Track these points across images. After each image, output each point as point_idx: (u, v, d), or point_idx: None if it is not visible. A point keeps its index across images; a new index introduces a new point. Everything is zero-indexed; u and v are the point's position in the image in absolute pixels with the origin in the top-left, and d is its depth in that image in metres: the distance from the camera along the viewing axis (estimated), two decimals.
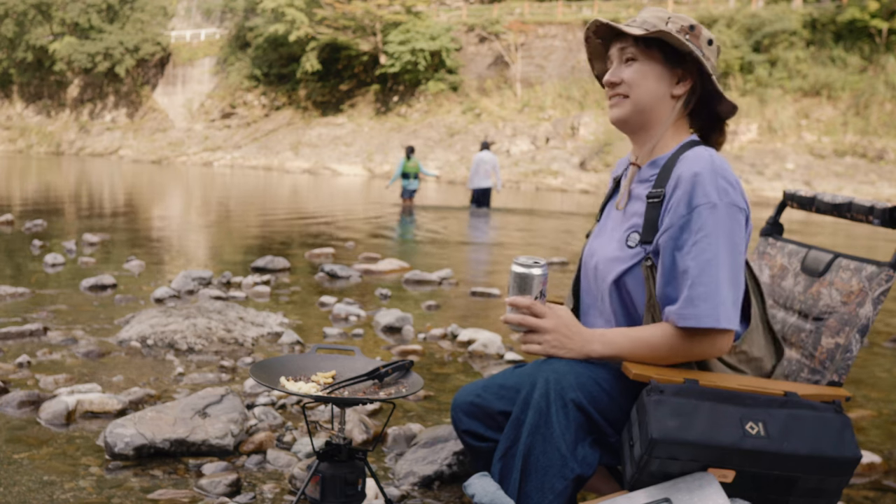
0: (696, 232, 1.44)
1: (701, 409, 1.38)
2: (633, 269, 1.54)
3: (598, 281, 1.62)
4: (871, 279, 1.63)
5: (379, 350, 3.69)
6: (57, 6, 44.56)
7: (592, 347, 1.51)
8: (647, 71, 1.57)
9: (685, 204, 1.46)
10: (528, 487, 1.44)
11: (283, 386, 1.65)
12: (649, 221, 1.53)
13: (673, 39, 1.53)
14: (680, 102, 1.59)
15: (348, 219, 11.70)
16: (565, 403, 1.44)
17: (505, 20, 35.42)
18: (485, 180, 14.04)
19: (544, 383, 1.45)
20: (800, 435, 1.38)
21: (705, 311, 1.42)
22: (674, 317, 1.46)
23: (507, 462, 1.48)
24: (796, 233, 11.44)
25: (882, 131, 25.41)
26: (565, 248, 8.78)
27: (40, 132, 46.18)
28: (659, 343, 1.48)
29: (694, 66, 1.58)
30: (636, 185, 1.62)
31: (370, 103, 37.01)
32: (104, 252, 6.75)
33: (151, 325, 3.66)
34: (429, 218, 12.40)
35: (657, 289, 1.50)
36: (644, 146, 1.62)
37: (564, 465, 1.43)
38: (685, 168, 1.48)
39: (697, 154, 1.50)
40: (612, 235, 1.63)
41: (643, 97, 1.57)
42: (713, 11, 31.39)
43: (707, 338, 1.46)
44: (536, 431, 1.44)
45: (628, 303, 1.57)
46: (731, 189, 1.47)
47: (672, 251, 1.47)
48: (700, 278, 1.43)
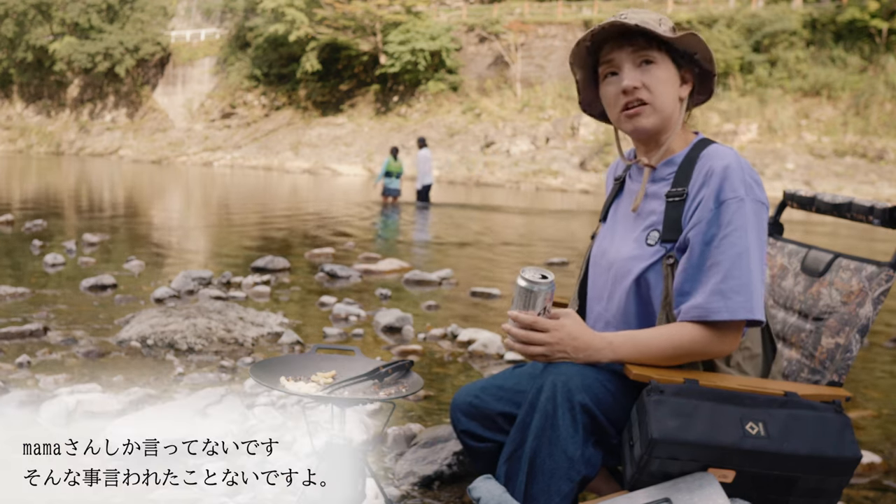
0: (725, 226, 1.44)
1: (701, 410, 1.38)
2: (654, 267, 1.53)
3: (614, 281, 1.60)
4: (871, 279, 1.63)
5: (379, 350, 3.69)
6: (57, 6, 44.52)
7: (601, 354, 1.48)
8: (666, 75, 1.54)
9: (713, 199, 1.45)
10: (535, 490, 1.43)
11: (283, 386, 1.65)
12: (670, 219, 1.51)
13: (692, 41, 1.52)
14: (685, 104, 1.59)
15: (324, 218, 11.70)
16: (572, 406, 1.42)
17: (505, 20, 35.38)
18: (428, 177, 14.81)
19: (551, 386, 1.43)
20: (800, 435, 1.38)
21: (739, 302, 1.42)
22: (699, 311, 1.44)
23: (512, 465, 1.47)
24: (799, 232, 11.43)
25: (882, 131, 25.39)
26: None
27: (40, 132, 46.14)
28: (672, 344, 1.46)
29: (692, 64, 1.58)
30: (650, 185, 1.60)
31: (370, 103, 36.98)
32: (104, 252, 6.74)
33: (151, 325, 3.66)
34: (410, 215, 12.81)
35: (675, 285, 1.49)
36: (657, 148, 1.60)
37: (571, 467, 1.42)
38: (713, 164, 1.48)
39: (721, 151, 1.50)
40: (626, 235, 1.61)
41: (665, 102, 1.54)
42: (713, 11, 31.37)
43: (729, 333, 1.46)
44: (542, 434, 1.43)
45: (647, 301, 1.55)
46: (756, 186, 1.47)
47: (701, 245, 1.46)
48: (732, 271, 1.42)
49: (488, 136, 30.66)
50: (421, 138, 15.32)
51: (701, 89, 1.62)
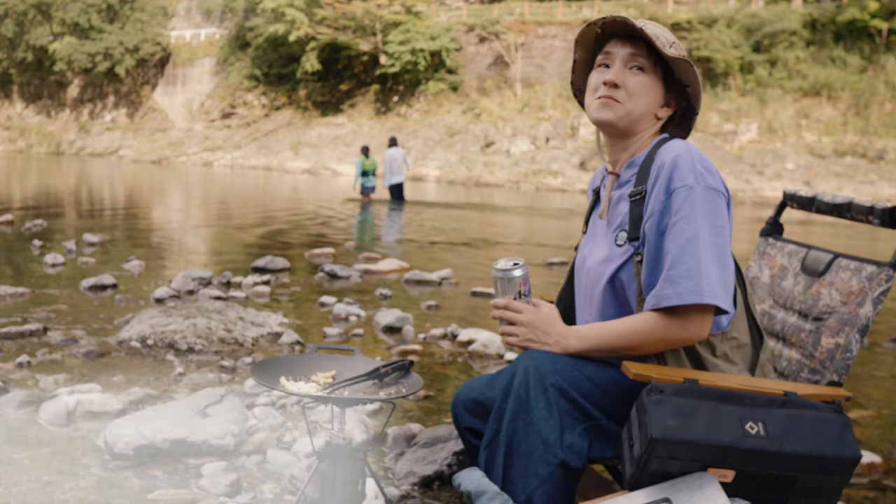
0: (674, 214, 1.47)
1: (701, 409, 1.38)
2: (625, 266, 1.56)
3: (591, 286, 1.64)
4: (871, 279, 1.63)
5: (379, 350, 3.69)
6: (57, 6, 44.52)
7: (569, 342, 1.54)
8: (650, 87, 1.58)
9: (664, 190, 1.49)
10: (512, 473, 1.46)
11: (283, 386, 1.65)
12: (634, 218, 1.55)
13: (688, 71, 1.56)
14: (660, 123, 1.63)
15: (305, 216, 11.71)
16: (545, 389, 1.46)
17: (505, 20, 35.39)
18: (398, 176, 14.75)
19: (523, 371, 1.48)
20: (800, 435, 1.38)
21: (687, 287, 1.44)
22: (654, 299, 1.47)
23: (491, 450, 1.50)
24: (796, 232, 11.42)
25: (882, 131, 25.40)
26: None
27: (40, 132, 46.15)
28: (635, 331, 1.49)
29: (681, 96, 1.63)
30: (615, 191, 1.64)
31: (370, 103, 36.98)
32: (104, 252, 6.75)
33: (151, 325, 3.66)
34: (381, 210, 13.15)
35: (643, 279, 1.52)
36: (621, 153, 1.64)
37: (547, 450, 1.44)
38: (664, 157, 1.52)
39: (673, 144, 1.54)
40: (600, 241, 1.66)
41: (637, 110, 1.59)
42: (713, 11, 31.37)
43: (687, 318, 1.46)
44: (517, 418, 1.46)
45: (624, 302, 1.58)
46: (708, 174, 1.49)
47: (656, 237, 1.50)
48: (680, 257, 1.45)
49: (488, 136, 30.67)
50: (392, 137, 15.31)
51: (681, 123, 1.67)
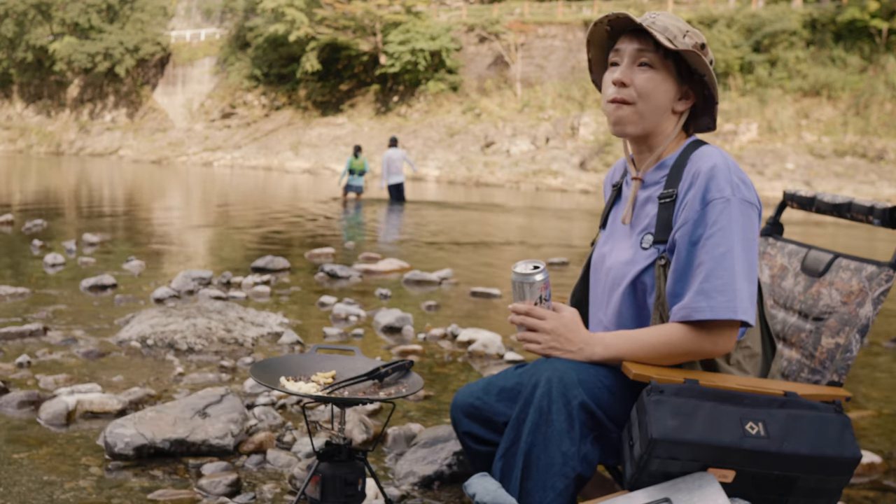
0: (710, 226, 1.45)
1: (701, 409, 1.38)
2: (648, 270, 1.54)
3: (611, 286, 1.61)
4: (871, 279, 1.63)
5: (379, 350, 3.69)
6: (57, 6, 44.51)
7: (594, 350, 1.50)
8: (660, 82, 1.54)
9: (699, 199, 1.46)
10: (530, 486, 1.44)
11: (283, 386, 1.65)
12: (662, 221, 1.53)
13: (698, 61, 1.52)
14: (682, 118, 1.59)
15: (296, 214, 11.71)
16: (568, 401, 1.43)
17: (505, 20, 35.37)
18: (397, 176, 14.67)
19: (546, 382, 1.45)
20: (800, 435, 1.38)
21: (721, 302, 1.42)
22: (685, 311, 1.45)
23: (508, 461, 1.47)
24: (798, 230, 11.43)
25: (882, 131, 25.38)
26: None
27: (40, 132, 46.15)
28: (663, 342, 1.47)
29: (699, 86, 1.58)
30: (643, 191, 1.61)
31: (370, 103, 36.97)
32: (104, 252, 6.74)
33: (151, 325, 3.66)
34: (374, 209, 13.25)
35: (667, 286, 1.50)
36: (648, 153, 1.61)
37: (566, 463, 1.43)
38: (700, 165, 1.49)
39: (709, 152, 1.51)
40: (623, 241, 1.63)
41: (649, 109, 1.55)
42: (713, 11, 31.36)
43: (717, 332, 1.46)
44: (537, 430, 1.43)
45: (642, 305, 1.56)
46: (744, 186, 1.47)
47: (688, 246, 1.47)
48: (715, 271, 1.43)
49: (488, 136, 30.67)
50: (392, 137, 15.24)
51: (704, 110, 1.62)
